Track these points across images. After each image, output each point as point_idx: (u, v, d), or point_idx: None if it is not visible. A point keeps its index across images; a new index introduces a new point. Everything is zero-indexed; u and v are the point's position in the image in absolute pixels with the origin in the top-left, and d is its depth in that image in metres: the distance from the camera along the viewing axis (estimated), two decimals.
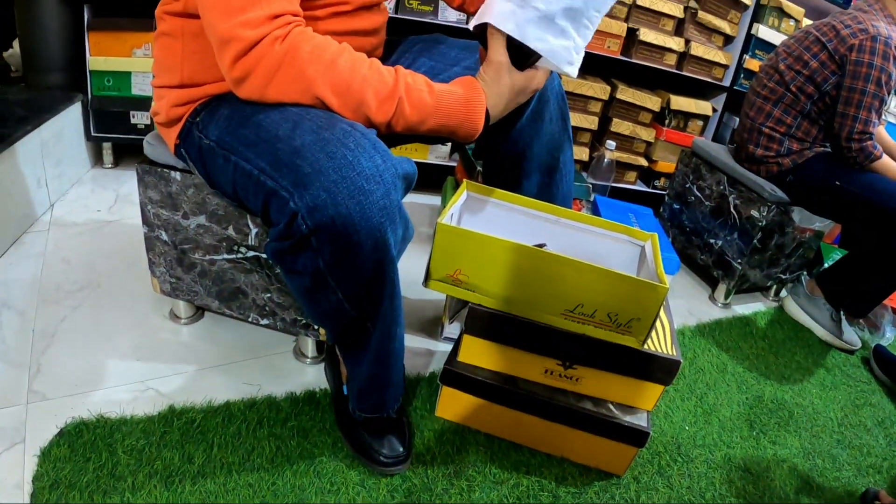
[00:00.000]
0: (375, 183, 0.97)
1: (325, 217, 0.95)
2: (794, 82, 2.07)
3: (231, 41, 0.96)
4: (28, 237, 1.88)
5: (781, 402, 1.79)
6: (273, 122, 1.03)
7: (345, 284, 1.06)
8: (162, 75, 1.21)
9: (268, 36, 0.96)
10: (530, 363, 1.33)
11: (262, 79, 1.00)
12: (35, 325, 1.52)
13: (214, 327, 1.61)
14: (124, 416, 1.30)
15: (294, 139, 0.99)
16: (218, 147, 1.11)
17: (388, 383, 1.25)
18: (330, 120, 1.01)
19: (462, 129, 1.12)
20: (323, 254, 1.00)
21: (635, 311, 1.20)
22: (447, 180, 2.26)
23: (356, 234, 0.97)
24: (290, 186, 0.97)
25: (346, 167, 0.95)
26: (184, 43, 1.14)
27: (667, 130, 2.76)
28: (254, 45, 0.96)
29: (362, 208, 0.96)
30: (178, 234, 1.40)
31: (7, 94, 2.17)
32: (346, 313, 1.11)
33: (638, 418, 1.33)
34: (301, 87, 1.01)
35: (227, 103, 1.12)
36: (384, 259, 1.03)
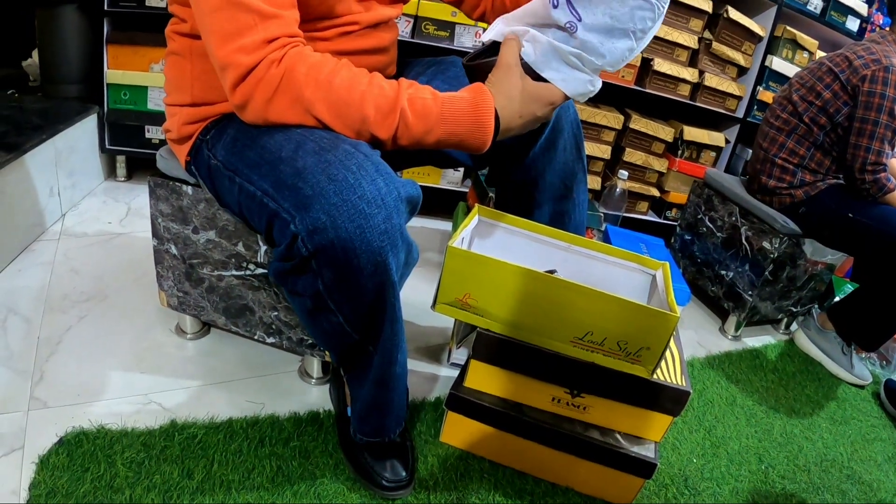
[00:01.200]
0: (377, 206, 0.95)
1: (325, 240, 0.94)
2: (807, 113, 2.07)
3: (228, 67, 0.96)
4: (38, 245, 1.89)
5: (791, 435, 1.77)
6: (276, 143, 1.02)
7: (345, 307, 1.05)
8: (173, 94, 1.22)
9: (263, 60, 0.95)
10: (537, 390, 1.32)
11: (262, 103, 0.99)
12: (40, 333, 1.52)
13: (220, 343, 1.60)
14: (125, 429, 1.29)
15: (296, 161, 0.98)
16: (224, 168, 1.11)
17: (390, 408, 1.24)
18: (333, 141, 1.00)
19: (472, 138, 1.04)
20: (323, 276, 0.99)
21: (645, 340, 1.19)
22: (458, 206, 2.26)
23: (356, 257, 0.96)
24: (292, 209, 0.97)
25: (347, 190, 0.94)
26: (192, 63, 1.15)
27: (679, 161, 2.76)
28: (250, 71, 0.95)
29: (362, 232, 0.94)
30: (188, 249, 1.40)
31: (24, 102, 2.19)
32: (348, 336, 1.10)
33: (645, 449, 1.32)
34: (300, 110, 1.00)
35: (235, 124, 1.11)
36: (385, 283, 1.02)
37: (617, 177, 2.43)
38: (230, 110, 1.14)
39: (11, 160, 1.73)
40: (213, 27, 0.95)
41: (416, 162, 1.44)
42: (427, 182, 2.55)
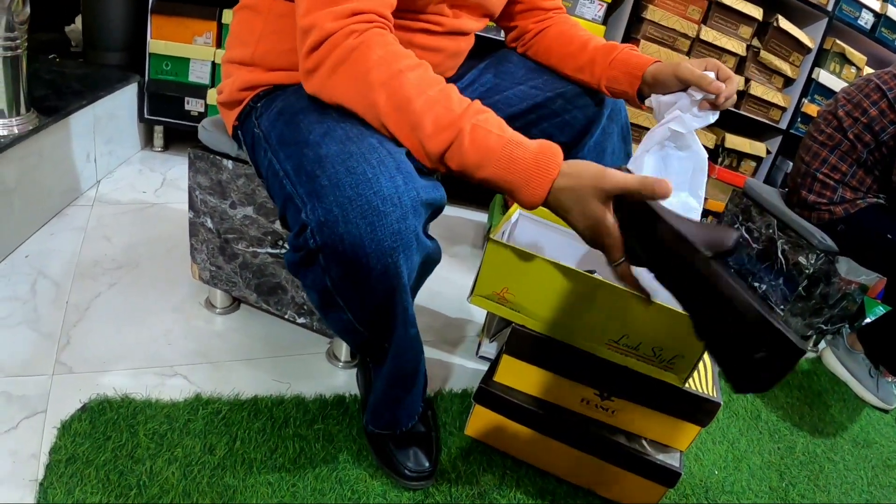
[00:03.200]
0: (392, 205, 0.90)
1: (335, 235, 0.90)
2: (852, 129, 2.02)
3: (311, 30, 0.93)
4: (71, 210, 1.89)
5: (813, 455, 1.74)
6: (309, 125, 1.00)
7: (353, 306, 1.01)
8: (234, 49, 1.20)
9: (343, 29, 0.91)
10: (568, 390, 1.30)
11: (327, 71, 0.95)
12: (69, 298, 1.52)
13: (249, 320, 1.60)
14: (149, 399, 1.29)
15: (321, 147, 0.95)
16: (263, 139, 1.09)
17: (402, 403, 1.23)
18: (360, 133, 0.95)
19: (524, 190, 0.92)
20: (330, 272, 0.95)
21: (680, 348, 1.17)
22: (495, 198, 2.24)
23: (365, 256, 0.90)
24: (305, 195, 0.93)
25: (364, 184, 0.89)
26: (266, 20, 1.13)
27: (719, 169, 2.72)
28: (328, 36, 0.92)
29: (374, 230, 0.89)
30: (224, 223, 1.39)
31: (65, 67, 2.20)
32: (359, 333, 1.08)
33: (671, 458, 1.29)
34: (359, 89, 0.94)
35: (284, 96, 1.10)
36: (395, 286, 0.97)
37: None
38: (284, 81, 1.13)
39: (50, 123, 1.74)
40: None
41: None
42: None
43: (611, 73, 1.29)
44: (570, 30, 1.38)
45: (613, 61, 1.28)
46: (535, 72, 1.36)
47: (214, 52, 2.27)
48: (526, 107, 1.33)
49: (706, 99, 1.15)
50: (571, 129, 1.35)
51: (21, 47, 1.57)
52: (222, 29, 2.26)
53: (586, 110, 1.36)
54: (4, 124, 1.60)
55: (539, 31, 1.40)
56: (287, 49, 1.11)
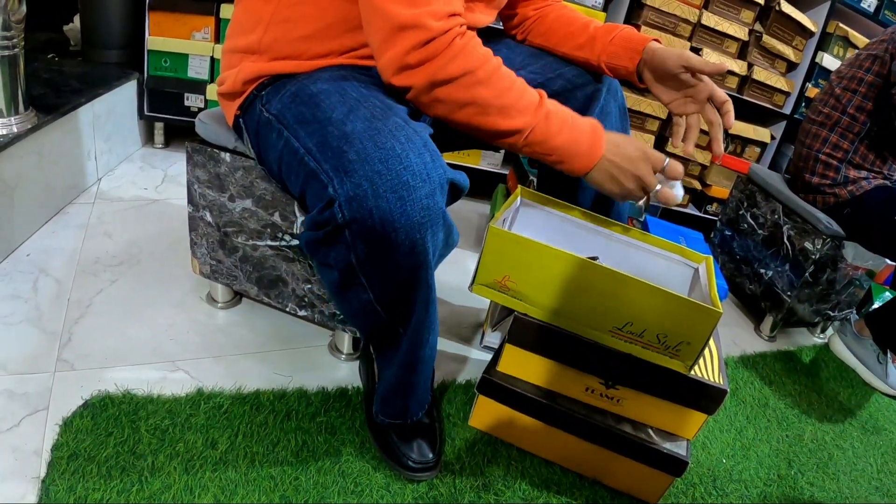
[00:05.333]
0: (421, 180, 0.93)
1: (364, 209, 0.91)
2: (851, 104, 2.00)
3: (414, 28, 0.96)
4: (72, 208, 1.89)
5: (822, 442, 1.73)
6: (331, 104, 1.01)
7: (376, 285, 1.02)
8: (238, 37, 1.19)
9: (451, 30, 0.98)
10: (572, 379, 1.29)
11: (436, 68, 0.99)
12: (71, 295, 1.52)
13: (251, 314, 1.59)
14: (151, 395, 1.29)
15: (346, 124, 0.97)
16: (276, 121, 1.09)
17: (414, 391, 1.22)
18: (385, 111, 0.99)
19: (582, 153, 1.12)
20: (356, 249, 0.96)
21: (686, 335, 1.15)
22: (498, 188, 2.23)
23: (393, 231, 0.93)
24: (331, 171, 0.94)
25: (394, 159, 0.92)
26: (276, 9, 1.11)
27: (723, 155, 2.70)
28: (436, 36, 0.97)
29: (403, 204, 0.92)
30: (223, 217, 1.38)
31: (64, 66, 2.20)
32: (377, 314, 1.07)
33: (677, 446, 1.28)
34: (468, 83, 1.02)
35: (295, 82, 1.10)
36: (421, 263, 0.99)
37: None
38: (291, 70, 1.13)
39: (50, 122, 1.73)
40: None
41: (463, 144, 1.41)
42: (466, 163, 2.52)
43: (611, 48, 1.30)
44: (569, 14, 1.40)
45: (614, 38, 1.30)
46: (533, 56, 1.36)
47: (213, 47, 2.26)
48: None
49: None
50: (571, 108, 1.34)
51: (18, 46, 1.57)
52: (220, 24, 2.25)
53: (585, 89, 1.36)
54: (3, 123, 1.59)
55: (539, 17, 1.41)
56: (298, 37, 1.11)
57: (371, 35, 1.02)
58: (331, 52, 1.12)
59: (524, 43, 1.44)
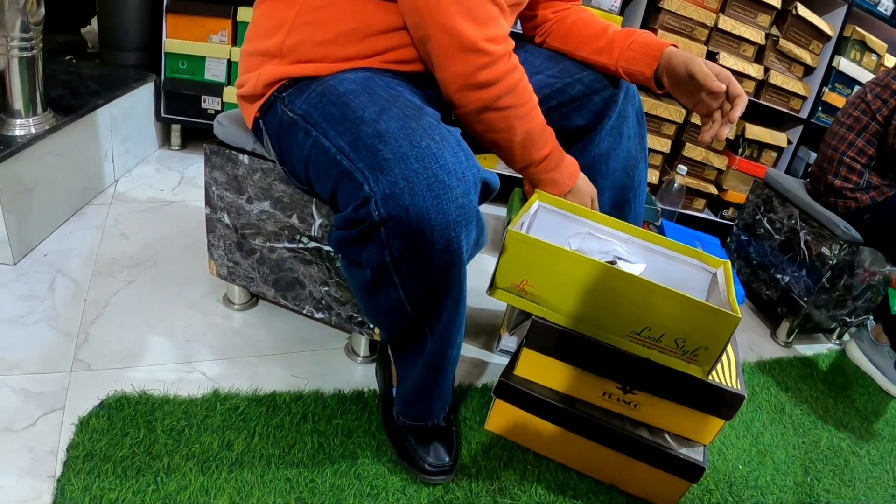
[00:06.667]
0: (457, 179, 0.93)
1: (400, 207, 0.92)
2: (881, 112, 1.99)
3: (478, 51, 1.05)
4: (90, 209, 1.90)
5: (838, 449, 1.71)
6: (361, 104, 1.01)
7: (409, 283, 1.02)
8: (259, 40, 1.19)
9: (510, 56, 1.10)
10: (589, 384, 1.28)
11: (504, 88, 1.11)
12: (87, 296, 1.53)
13: (267, 316, 1.59)
14: (167, 396, 1.29)
15: (379, 123, 0.97)
16: (302, 120, 1.08)
17: (438, 392, 1.21)
18: (417, 111, 0.99)
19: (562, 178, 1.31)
20: (391, 247, 0.96)
21: (704, 340, 1.14)
22: (514, 191, 2.23)
23: (430, 229, 0.93)
24: (367, 170, 0.94)
25: (429, 158, 0.92)
26: (299, 11, 1.12)
27: (740, 159, 2.69)
28: (498, 59, 1.08)
29: (440, 203, 0.92)
30: (241, 218, 1.39)
31: (82, 68, 2.21)
32: (405, 314, 1.07)
33: (694, 452, 1.28)
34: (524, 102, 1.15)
35: (321, 83, 1.10)
36: (455, 261, 0.99)
37: (675, 171, 2.38)
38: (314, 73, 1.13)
39: (67, 123, 1.74)
40: (463, 10, 1.03)
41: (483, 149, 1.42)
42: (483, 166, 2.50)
43: (629, 54, 1.31)
44: (589, 17, 1.40)
45: (632, 43, 1.31)
46: (552, 60, 1.36)
47: (230, 49, 2.26)
48: (546, 94, 1.33)
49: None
50: (590, 112, 1.36)
51: (36, 48, 1.58)
52: (237, 27, 2.26)
53: (603, 94, 1.36)
54: (22, 124, 1.60)
55: (558, 20, 1.41)
56: (321, 41, 1.11)
57: (433, 49, 1.08)
58: (355, 56, 1.13)
59: (542, 45, 1.44)
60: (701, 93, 1.26)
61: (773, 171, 2.38)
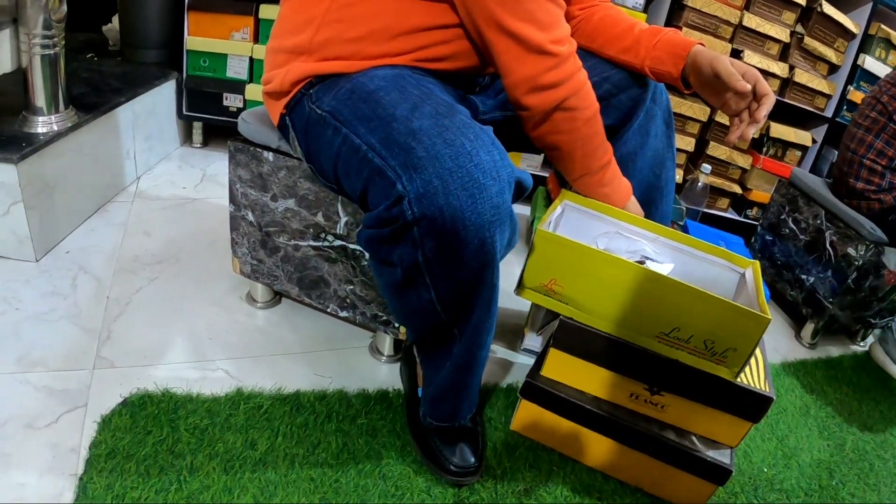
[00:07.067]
0: (492, 178, 0.92)
1: (434, 206, 0.91)
2: None
3: (543, 53, 1.07)
4: (112, 206, 1.90)
5: (863, 452, 1.69)
6: (393, 101, 1.00)
7: (441, 283, 1.01)
8: (286, 36, 1.18)
9: (574, 57, 1.13)
10: (617, 385, 1.27)
11: (569, 90, 1.12)
12: (110, 293, 1.53)
13: (291, 314, 1.59)
14: (190, 394, 1.29)
15: (412, 121, 0.96)
16: (331, 117, 1.07)
17: (466, 392, 1.20)
18: (450, 108, 0.98)
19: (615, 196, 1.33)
20: (424, 247, 0.95)
21: (733, 341, 1.13)
22: (538, 190, 2.21)
23: (464, 229, 0.92)
24: (399, 168, 0.93)
25: (464, 156, 0.91)
26: (329, 8, 1.11)
27: (764, 158, 2.66)
28: (564, 60, 1.10)
29: (475, 202, 0.91)
30: (265, 216, 1.38)
31: (104, 66, 2.22)
32: (435, 315, 1.06)
33: (721, 454, 1.26)
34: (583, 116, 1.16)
35: (350, 79, 1.09)
36: (488, 261, 0.98)
37: (700, 170, 2.36)
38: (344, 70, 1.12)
39: (90, 121, 1.75)
40: (529, 14, 1.04)
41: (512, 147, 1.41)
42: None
43: (655, 53, 1.29)
44: (615, 15, 1.38)
45: (658, 42, 1.29)
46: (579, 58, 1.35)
47: (252, 47, 2.26)
48: None
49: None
50: (618, 111, 1.34)
51: (59, 45, 1.58)
52: (259, 24, 2.26)
53: (631, 93, 1.35)
54: (44, 122, 1.61)
55: (584, 18, 1.39)
56: (352, 38, 1.10)
57: (498, 55, 1.09)
58: (385, 54, 1.12)
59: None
60: (727, 92, 1.24)
61: (798, 170, 2.35)
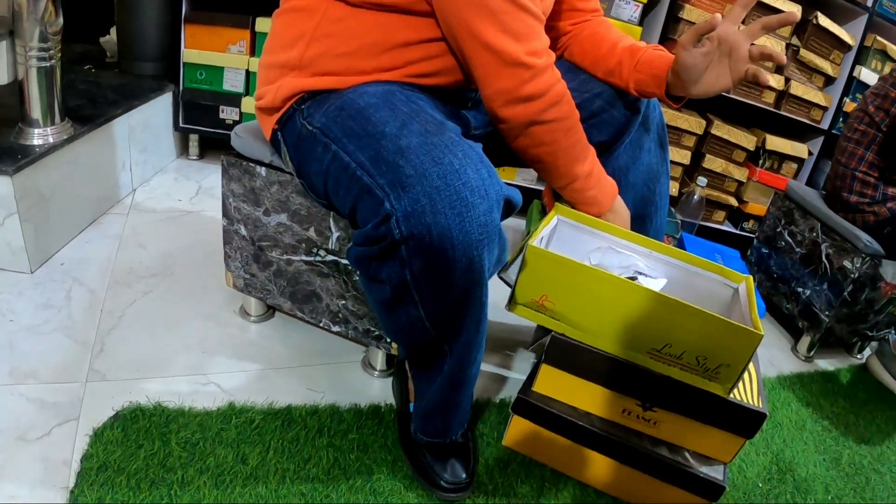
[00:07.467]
0: (480, 197, 0.92)
1: (422, 225, 0.90)
2: (885, 122, 1.97)
3: (520, 65, 1.05)
4: (107, 218, 1.91)
5: (859, 466, 1.68)
6: (382, 118, 1.00)
7: (429, 302, 1.01)
8: (278, 52, 1.18)
9: (552, 70, 1.11)
10: (609, 401, 1.27)
11: (548, 102, 1.11)
12: (104, 305, 1.53)
13: (284, 328, 1.59)
14: (182, 408, 1.29)
15: (400, 139, 0.96)
16: (321, 134, 1.07)
17: (457, 409, 1.20)
18: (439, 126, 0.98)
19: (601, 197, 1.30)
20: (412, 265, 0.95)
21: (725, 357, 1.13)
22: (533, 204, 2.21)
23: (452, 248, 0.92)
24: (387, 186, 0.93)
25: (452, 175, 0.91)
26: (319, 23, 1.11)
27: (760, 171, 2.66)
28: (541, 73, 1.08)
29: (462, 221, 0.91)
30: (258, 231, 1.38)
31: (100, 77, 2.22)
32: (425, 332, 1.06)
33: (714, 470, 1.26)
34: (563, 127, 1.15)
35: (340, 95, 1.09)
36: (476, 280, 0.98)
37: (695, 183, 2.36)
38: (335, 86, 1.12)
39: (86, 132, 1.75)
40: (505, 25, 1.02)
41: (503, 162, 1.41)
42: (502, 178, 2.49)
43: (637, 76, 1.29)
44: (601, 31, 1.38)
45: (638, 64, 1.29)
46: (571, 72, 1.35)
47: (248, 60, 2.27)
48: None
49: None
50: (610, 127, 1.35)
51: (55, 57, 1.58)
52: (256, 37, 2.27)
53: (624, 108, 1.35)
54: (40, 133, 1.61)
55: (574, 34, 1.39)
56: (342, 53, 1.11)
57: (475, 68, 1.08)
58: (375, 69, 1.12)
59: (562, 58, 1.42)
60: (722, 64, 1.18)
61: (793, 182, 2.35)
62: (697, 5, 2.37)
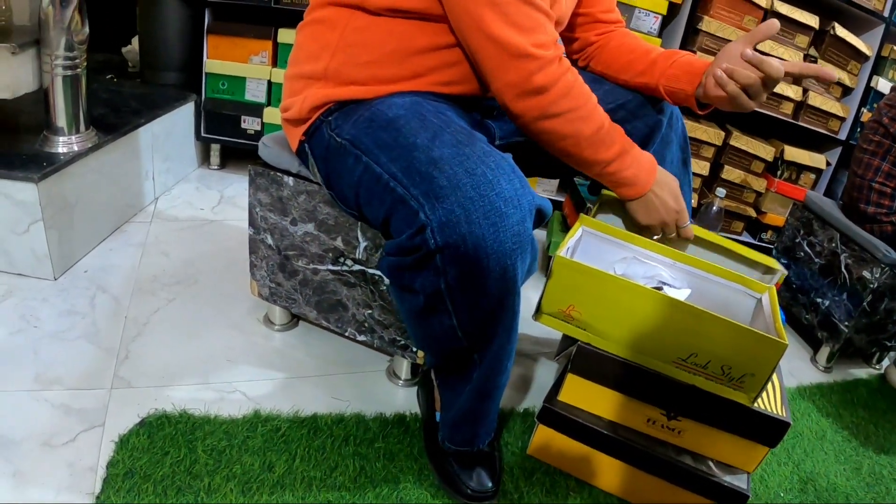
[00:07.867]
0: (513, 207, 0.93)
1: (457, 235, 0.91)
2: None
3: (527, 56, 1.04)
4: (130, 226, 1.92)
5: (879, 476, 1.68)
6: (412, 129, 1.01)
7: (463, 310, 1.01)
8: (302, 64, 1.20)
9: (562, 59, 1.10)
10: (634, 410, 1.27)
11: (559, 93, 1.09)
12: (128, 313, 1.54)
13: (308, 337, 1.60)
14: (208, 415, 1.29)
15: (432, 149, 0.97)
16: (351, 146, 1.09)
17: (485, 418, 1.21)
18: (470, 136, 0.99)
19: (639, 179, 1.25)
20: (447, 275, 0.96)
21: (750, 367, 1.13)
22: (553, 215, 2.22)
23: (486, 258, 0.92)
24: (422, 197, 0.94)
25: (485, 185, 0.92)
26: (343, 34, 1.13)
27: (778, 182, 2.66)
28: (549, 64, 1.07)
29: (497, 231, 0.92)
30: (284, 240, 1.39)
31: (123, 87, 2.24)
32: (456, 340, 1.07)
33: (738, 479, 1.26)
34: (581, 113, 1.13)
35: (368, 106, 1.10)
36: (510, 289, 0.99)
37: (714, 194, 2.36)
38: (360, 95, 1.14)
39: (109, 142, 1.77)
40: (510, 18, 1.02)
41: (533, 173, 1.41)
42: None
43: (671, 71, 1.30)
44: (631, 42, 1.40)
45: (675, 63, 1.30)
46: (595, 83, 1.35)
47: (270, 70, 2.29)
48: None
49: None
50: (633, 138, 1.34)
51: (80, 66, 1.60)
52: (278, 48, 2.28)
53: (647, 119, 1.37)
54: (64, 142, 1.63)
55: (601, 44, 1.40)
56: (366, 62, 1.12)
57: (482, 61, 1.08)
58: (398, 78, 1.13)
59: (586, 69, 1.43)
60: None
61: (812, 193, 2.35)
62: (716, 17, 2.37)
